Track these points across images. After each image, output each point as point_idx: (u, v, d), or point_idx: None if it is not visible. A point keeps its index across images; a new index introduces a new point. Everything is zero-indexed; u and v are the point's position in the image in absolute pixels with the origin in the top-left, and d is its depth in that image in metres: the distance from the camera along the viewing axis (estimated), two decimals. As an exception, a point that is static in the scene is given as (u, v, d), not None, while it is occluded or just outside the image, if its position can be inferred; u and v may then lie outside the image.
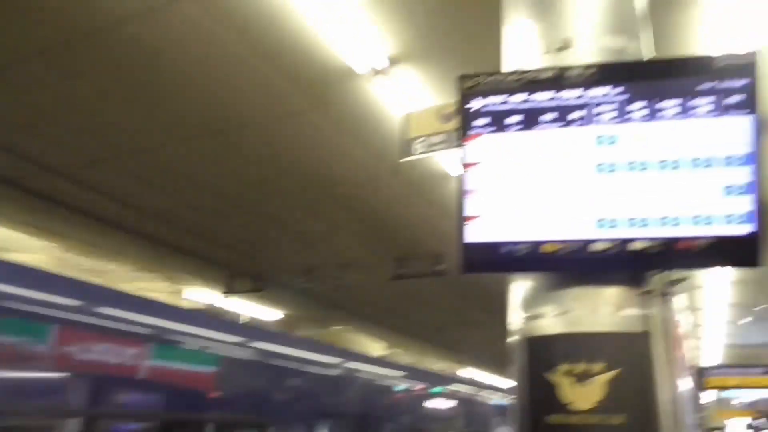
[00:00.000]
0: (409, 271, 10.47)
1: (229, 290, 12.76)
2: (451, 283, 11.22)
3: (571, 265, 2.46)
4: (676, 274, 2.64)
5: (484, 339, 15.05)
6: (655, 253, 2.38)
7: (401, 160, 3.65)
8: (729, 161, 2.36)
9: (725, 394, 20.30)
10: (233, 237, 10.40)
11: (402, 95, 5.64)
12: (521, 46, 2.97)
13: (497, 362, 21.49)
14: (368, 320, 16.72)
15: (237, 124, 6.57)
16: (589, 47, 2.75)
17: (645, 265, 2.45)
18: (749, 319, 16.01)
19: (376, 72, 5.40)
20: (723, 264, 2.50)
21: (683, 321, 7.92)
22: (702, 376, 15.74)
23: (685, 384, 2.53)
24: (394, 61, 5.36)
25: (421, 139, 3.55)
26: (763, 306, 14.76)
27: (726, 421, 19.78)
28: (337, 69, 5.46)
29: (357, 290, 13.14)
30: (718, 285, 12.68)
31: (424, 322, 16.39)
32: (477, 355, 22.47)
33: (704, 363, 18.89)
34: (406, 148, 3.61)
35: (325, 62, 5.40)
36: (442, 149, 3.37)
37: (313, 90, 5.89)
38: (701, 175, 2.38)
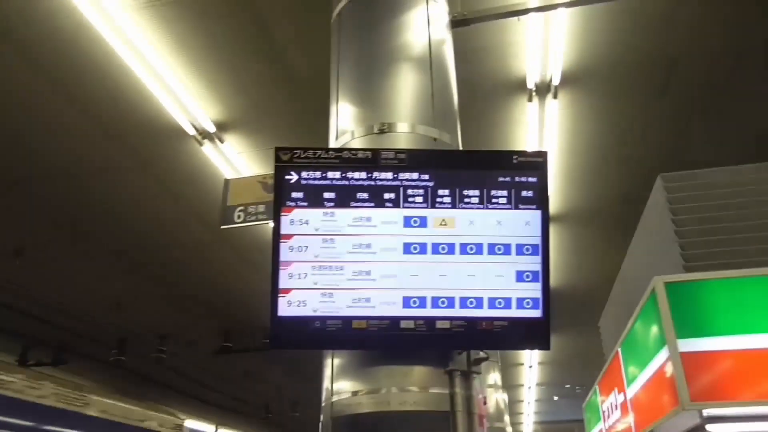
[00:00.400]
0: (235, 345, 10.04)
1: (22, 362, 11.15)
2: (280, 359, 10.98)
3: (380, 343, 2.52)
4: (479, 353, 2.82)
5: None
6: (459, 332, 2.54)
7: (222, 227, 3.56)
8: (521, 250, 2.63)
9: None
10: (30, 300, 9.22)
11: (229, 161, 5.61)
12: (346, 125, 3.14)
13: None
14: (191, 396, 15.54)
15: (42, 174, 5.99)
16: (406, 134, 2.97)
17: (450, 344, 2.59)
18: (556, 398, 17.63)
19: (204, 135, 5.32)
20: (519, 346, 2.72)
21: (493, 398, 8.43)
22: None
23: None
24: (221, 126, 5.35)
25: (241, 207, 3.51)
26: (567, 386, 16.36)
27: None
28: (162, 128, 5.31)
29: (179, 364, 12.28)
30: (531, 365, 13.88)
31: (251, 400, 15.66)
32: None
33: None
34: (227, 215, 3.53)
35: (149, 120, 5.23)
36: (263, 220, 3.35)
37: (135, 147, 5.63)
38: (498, 261, 2.62)
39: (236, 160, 5.76)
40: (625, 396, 3.74)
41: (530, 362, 13.83)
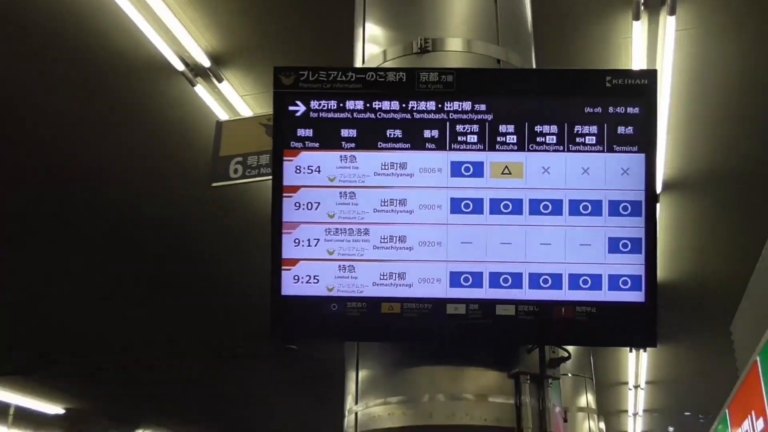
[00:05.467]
0: (231, 352, 10.26)
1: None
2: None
3: (419, 334, 2.42)
4: (557, 350, 2.69)
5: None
6: (528, 321, 2.41)
7: (213, 185, 3.50)
8: (616, 209, 2.47)
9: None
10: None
11: (230, 105, 5.58)
12: (375, 48, 3.02)
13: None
14: (186, 418, 16.02)
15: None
16: (459, 53, 2.83)
17: (516, 336, 2.47)
18: (671, 429, 17.28)
19: (196, 72, 5.28)
20: (611, 341, 2.58)
21: (585, 426, 8.26)
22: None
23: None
24: (218, 60, 5.32)
25: (239, 159, 3.43)
26: (687, 413, 16.00)
27: None
28: (143, 64, 5.31)
29: (169, 378, 12.65)
30: (636, 384, 13.60)
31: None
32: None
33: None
34: (220, 169, 3.46)
35: (127, 55, 5.24)
36: (266, 175, 3.26)
37: (112, 93, 5.68)
38: (584, 223, 2.47)
39: (239, 105, 5.70)
40: (765, 421, 3.55)
41: (636, 381, 13.56)
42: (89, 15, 4.92)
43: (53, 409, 14.30)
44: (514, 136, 2.50)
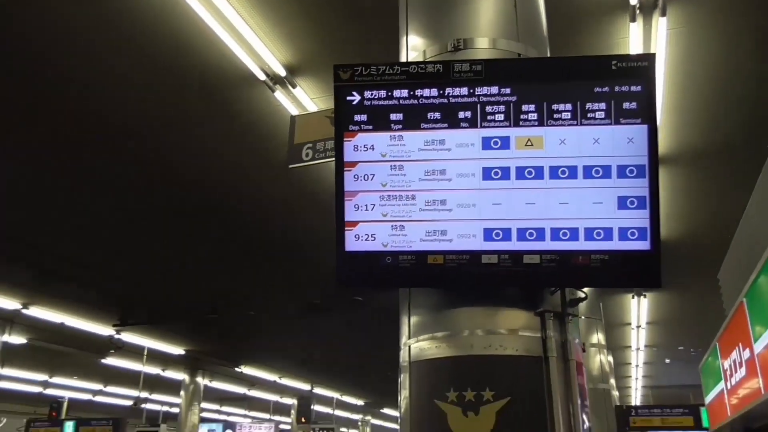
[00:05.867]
0: (324, 302, 10.24)
1: (122, 323, 12.00)
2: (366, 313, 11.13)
3: (460, 280, 2.33)
4: (576, 292, 2.57)
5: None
6: (550, 268, 2.29)
7: (290, 167, 3.46)
8: (624, 172, 2.32)
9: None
10: (124, 265, 9.79)
11: (303, 108, 5.51)
12: (417, 50, 2.90)
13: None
14: (280, 356, 16.24)
15: (114, 133, 6.18)
16: (486, 50, 2.70)
17: (540, 281, 2.36)
18: (668, 360, 16.76)
19: (275, 80, 5.22)
20: (622, 282, 2.43)
21: (597, 359, 8.05)
22: (626, 416, 16.16)
23: (587, 416, 2.41)
24: (292, 70, 5.24)
25: (309, 145, 3.38)
26: (681, 348, 15.49)
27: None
28: (232, 75, 5.27)
29: (266, 324, 12.78)
30: (639, 325, 13.22)
31: (337, 358, 16.09)
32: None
33: (628, 403, 19.50)
34: (295, 153, 3.42)
35: (218, 68, 5.20)
36: (331, 157, 3.20)
37: (205, 99, 5.65)
38: (596, 185, 2.33)
39: (310, 106, 5.64)
40: (752, 352, 3.35)
41: (638, 322, 13.16)
42: (188, 35, 4.89)
43: (176, 350, 14.66)
44: (535, 114, 2.37)
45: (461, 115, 2.38)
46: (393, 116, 2.40)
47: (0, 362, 11.96)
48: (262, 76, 5.23)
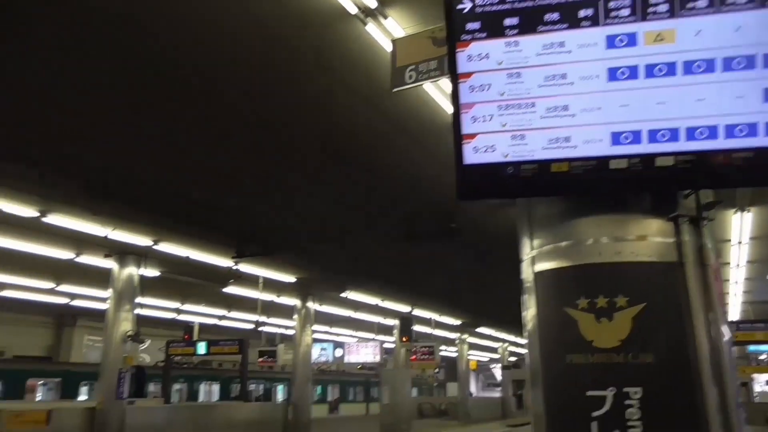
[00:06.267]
0: (421, 230, 10.22)
1: (239, 255, 12.68)
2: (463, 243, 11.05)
3: (586, 187, 2.17)
4: (711, 195, 2.34)
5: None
6: (686, 169, 2.08)
7: (393, 90, 3.33)
8: (772, 59, 2.03)
9: (751, 349, 20.01)
10: (240, 203, 10.21)
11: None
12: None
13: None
14: (382, 281, 16.62)
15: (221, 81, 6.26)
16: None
17: (674, 184, 2.16)
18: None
19: (366, 13, 4.97)
20: (765, 181, 2.17)
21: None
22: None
23: (725, 324, 2.22)
24: (383, 1, 4.98)
25: (412, 67, 3.23)
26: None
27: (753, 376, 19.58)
28: (324, 12, 5.11)
29: (369, 252, 13.03)
30: (740, 241, 12.28)
31: (434, 282, 16.22)
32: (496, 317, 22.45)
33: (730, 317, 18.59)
34: (398, 76, 3.28)
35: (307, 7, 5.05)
36: (436, 77, 3.04)
37: (298, 41, 5.54)
38: (738, 78, 2.06)
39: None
40: None
41: (740, 238, 12.23)
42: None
43: (288, 278, 15.34)
44: (666, 5, 2.10)
45: (582, 13, 2.15)
46: (507, 21, 2.22)
47: (140, 291, 13.05)
48: (353, 10, 5.03)
